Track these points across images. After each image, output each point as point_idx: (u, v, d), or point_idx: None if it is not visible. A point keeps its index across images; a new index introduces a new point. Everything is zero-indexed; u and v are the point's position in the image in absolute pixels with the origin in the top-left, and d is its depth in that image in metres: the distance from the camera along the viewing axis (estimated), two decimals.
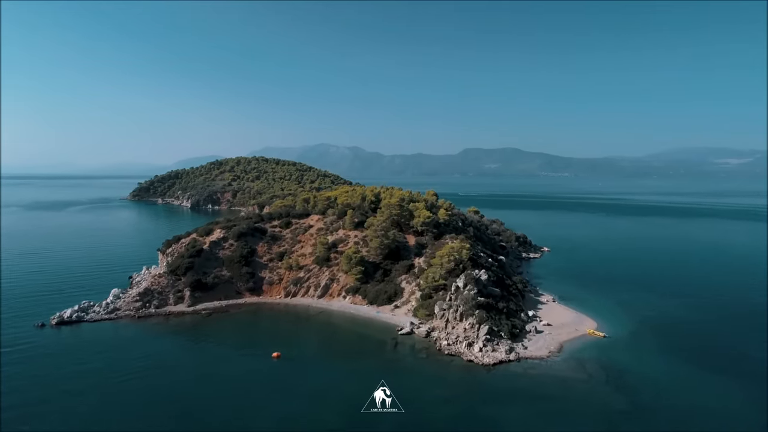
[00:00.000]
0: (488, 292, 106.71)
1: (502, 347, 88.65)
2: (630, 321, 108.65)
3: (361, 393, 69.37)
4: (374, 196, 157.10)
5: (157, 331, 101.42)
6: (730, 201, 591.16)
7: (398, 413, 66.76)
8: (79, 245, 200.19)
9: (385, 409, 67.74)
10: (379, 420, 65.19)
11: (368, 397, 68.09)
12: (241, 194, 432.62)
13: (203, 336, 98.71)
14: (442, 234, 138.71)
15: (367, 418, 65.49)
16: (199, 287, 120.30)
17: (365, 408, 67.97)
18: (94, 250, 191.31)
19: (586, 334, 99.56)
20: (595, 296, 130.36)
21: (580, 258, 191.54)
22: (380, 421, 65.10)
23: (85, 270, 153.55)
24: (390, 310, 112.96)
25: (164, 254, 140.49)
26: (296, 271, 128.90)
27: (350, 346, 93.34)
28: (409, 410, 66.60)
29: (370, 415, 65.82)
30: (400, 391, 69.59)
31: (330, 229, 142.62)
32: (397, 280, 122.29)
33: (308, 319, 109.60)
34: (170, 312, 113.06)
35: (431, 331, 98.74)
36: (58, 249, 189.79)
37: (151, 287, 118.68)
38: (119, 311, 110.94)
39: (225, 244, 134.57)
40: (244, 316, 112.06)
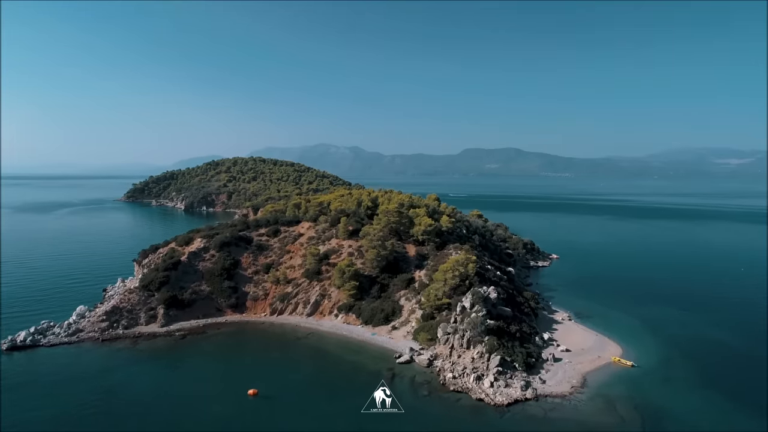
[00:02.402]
0: (498, 313, 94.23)
1: (516, 382, 76.13)
2: (658, 344, 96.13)
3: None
4: (371, 201, 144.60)
5: (121, 358, 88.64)
6: (737, 203, 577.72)
7: (398, 413, 66.56)
8: (55, 253, 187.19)
9: (385, 409, 67.60)
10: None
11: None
12: (236, 196, 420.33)
13: (172, 365, 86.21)
14: (445, 243, 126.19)
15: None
16: (174, 304, 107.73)
17: (365, 408, 67.76)
18: (70, 258, 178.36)
19: (611, 362, 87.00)
20: (614, 312, 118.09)
21: (592, 266, 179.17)
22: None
23: (55, 282, 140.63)
24: (387, 332, 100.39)
25: (140, 265, 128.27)
26: (284, 286, 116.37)
27: (340, 380, 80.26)
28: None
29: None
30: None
31: (322, 238, 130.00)
32: (396, 296, 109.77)
33: (294, 343, 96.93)
34: (140, 333, 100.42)
35: (434, 359, 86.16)
36: (30, 257, 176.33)
37: (119, 305, 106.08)
38: (82, 333, 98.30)
39: (206, 255, 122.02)
40: (223, 339, 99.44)
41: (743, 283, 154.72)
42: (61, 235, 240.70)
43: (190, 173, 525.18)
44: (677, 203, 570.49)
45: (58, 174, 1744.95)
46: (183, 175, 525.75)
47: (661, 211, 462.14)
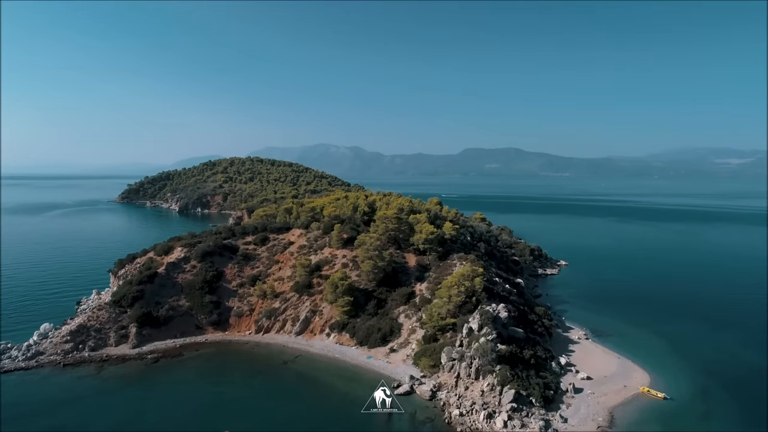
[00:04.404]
0: (509, 335, 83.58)
1: (534, 421, 65.41)
2: (690, 370, 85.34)
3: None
4: (368, 206, 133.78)
5: (82, 387, 77.87)
6: (745, 204, 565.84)
7: (399, 413, 66.51)
8: (33, 260, 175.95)
9: (385, 409, 67.64)
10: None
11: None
12: (232, 197, 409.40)
13: (139, 396, 75.40)
14: (448, 252, 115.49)
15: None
16: (148, 322, 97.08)
17: (365, 408, 67.90)
18: (49, 265, 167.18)
19: (640, 393, 76.26)
20: (634, 329, 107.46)
21: (603, 273, 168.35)
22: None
23: (25, 294, 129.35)
24: (384, 355, 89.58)
25: (116, 276, 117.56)
26: (271, 300, 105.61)
27: (329, 418, 69.36)
28: None
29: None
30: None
31: (314, 247, 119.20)
32: (394, 312, 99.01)
33: (281, 369, 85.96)
34: (108, 356, 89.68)
35: (437, 389, 75.45)
36: (4, 265, 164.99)
37: (87, 323, 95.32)
38: (42, 356, 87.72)
39: (186, 266, 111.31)
40: (201, 363, 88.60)
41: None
42: (44, 240, 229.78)
43: (186, 174, 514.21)
44: (683, 204, 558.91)
45: (56, 174, 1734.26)
46: (179, 175, 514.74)
47: (667, 212, 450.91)
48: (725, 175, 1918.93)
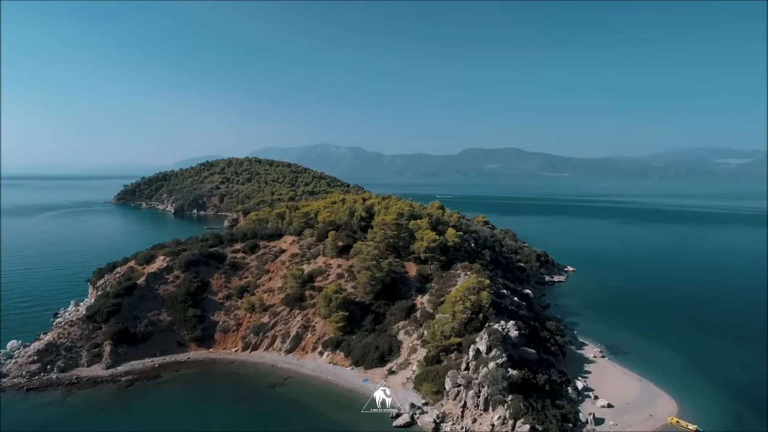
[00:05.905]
0: (521, 356, 75.53)
1: None
2: (720, 395, 77.38)
3: None
4: (365, 211, 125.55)
5: (43, 417, 69.82)
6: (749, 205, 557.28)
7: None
8: (16, 267, 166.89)
9: (385, 409, 68.12)
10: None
11: None
12: (228, 198, 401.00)
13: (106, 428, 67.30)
14: (451, 261, 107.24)
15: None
16: (125, 339, 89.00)
17: (365, 408, 68.47)
18: (30, 273, 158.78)
19: (668, 423, 68.28)
20: (653, 345, 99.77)
21: (613, 280, 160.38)
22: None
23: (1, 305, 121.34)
24: (382, 377, 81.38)
25: (95, 287, 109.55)
26: (259, 314, 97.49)
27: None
28: None
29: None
30: None
31: (306, 256, 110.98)
32: (393, 328, 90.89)
33: (268, 393, 77.86)
34: (78, 378, 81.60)
35: (441, 420, 67.38)
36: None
37: (57, 341, 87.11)
38: (5, 379, 79.62)
39: (168, 277, 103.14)
40: (180, 387, 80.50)
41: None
42: (32, 244, 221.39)
43: (183, 174, 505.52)
44: (686, 205, 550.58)
45: (55, 174, 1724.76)
46: (176, 176, 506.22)
47: (671, 213, 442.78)
48: (726, 176, 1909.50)
